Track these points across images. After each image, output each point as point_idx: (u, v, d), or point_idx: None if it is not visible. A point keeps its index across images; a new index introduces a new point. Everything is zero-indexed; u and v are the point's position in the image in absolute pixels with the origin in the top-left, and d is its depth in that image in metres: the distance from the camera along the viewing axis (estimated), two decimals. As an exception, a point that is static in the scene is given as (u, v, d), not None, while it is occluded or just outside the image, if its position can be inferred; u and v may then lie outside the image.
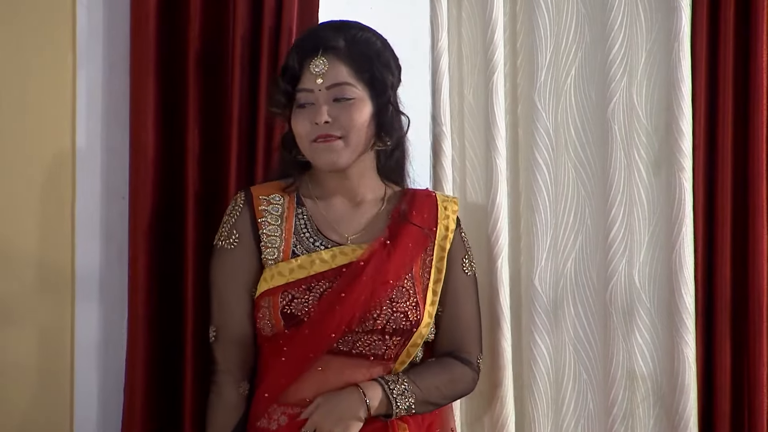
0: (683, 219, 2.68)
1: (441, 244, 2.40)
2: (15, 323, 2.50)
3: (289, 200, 2.40)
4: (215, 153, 2.60)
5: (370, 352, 2.32)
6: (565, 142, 2.76)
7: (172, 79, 2.57)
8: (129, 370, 2.54)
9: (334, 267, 2.32)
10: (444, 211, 2.42)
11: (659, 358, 2.73)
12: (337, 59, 2.31)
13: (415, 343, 2.34)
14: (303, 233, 2.37)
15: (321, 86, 2.31)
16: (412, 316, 2.32)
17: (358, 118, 2.31)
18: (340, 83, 2.31)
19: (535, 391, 2.74)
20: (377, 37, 2.38)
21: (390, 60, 2.37)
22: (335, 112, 2.31)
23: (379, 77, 2.32)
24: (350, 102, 2.31)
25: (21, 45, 2.51)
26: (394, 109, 2.36)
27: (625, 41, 2.71)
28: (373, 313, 2.30)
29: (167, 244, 2.57)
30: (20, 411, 2.51)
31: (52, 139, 2.53)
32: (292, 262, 2.33)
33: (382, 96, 2.33)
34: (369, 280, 2.30)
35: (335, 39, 2.32)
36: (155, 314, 2.55)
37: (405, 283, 2.34)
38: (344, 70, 2.31)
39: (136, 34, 2.55)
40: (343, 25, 2.36)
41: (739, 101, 2.73)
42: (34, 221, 2.52)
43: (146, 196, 2.54)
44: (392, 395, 2.28)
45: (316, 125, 2.31)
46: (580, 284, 2.76)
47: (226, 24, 2.59)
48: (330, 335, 2.28)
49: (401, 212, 2.39)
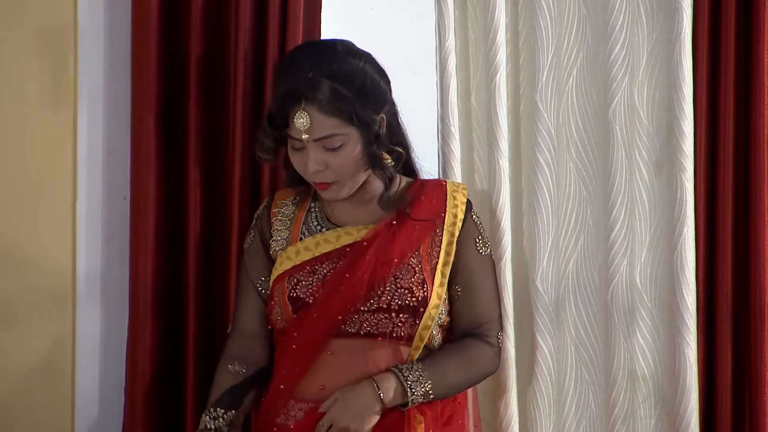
0: (684, 219, 2.67)
1: (450, 230, 2.41)
2: (17, 324, 2.51)
3: (305, 198, 2.45)
4: (217, 153, 2.60)
5: (378, 331, 2.32)
6: (567, 142, 2.76)
7: (173, 80, 2.58)
8: (130, 370, 2.54)
9: (338, 247, 2.35)
10: (453, 200, 2.43)
11: (661, 358, 2.73)
12: (319, 111, 2.28)
13: (426, 326, 2.34)
14: (311, 222, 2.42)
15: (308, 139, 2.29)
16: (418, 292, 2.33)
17: (348, 161, 2.31)
18: (326, 137, 2.29)
19: (537, 392, 2.74)
20: (360, 66, 2.32)
21: (375, 88, 2.32)
22: (325, 157, 2.31)
23: (362, 116, 2.29)
24: (338, 149, 2.30)
25: (23, 46, 2.51)
26: (382, 143, 2.33)
27: (626, 42, 2.70)
28: (377, 290, 2.32)
29: (168, 245, 2.57)
30: (22, 412, 2.51)
31: (53, 140, 2.53)
32: (298, 245, 2.38)
33: (369, 132, 2.31)
34: (372, 259, 2.32)
35: (315, 88, 2.26)
36: (157, 315, 2.56)
37: (410, 260, 2.35)
38: (329, 122, 2.29)
39: (137, 35, 2.55)
40: (323, 59, 2.30)
41: (741, 102, 2.72)
42: (35, 222, 2.52)
43: (147, 197, 2.55)
44: (407, 382, 2.29)
45: (308, 171, 2.32)
46: (582, 285, 2.76)
47: (228, 24, 2.59)
48: (337, 317, 2.31)
49: (405, 205, 2.39)
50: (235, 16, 2.57)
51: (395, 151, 2.37)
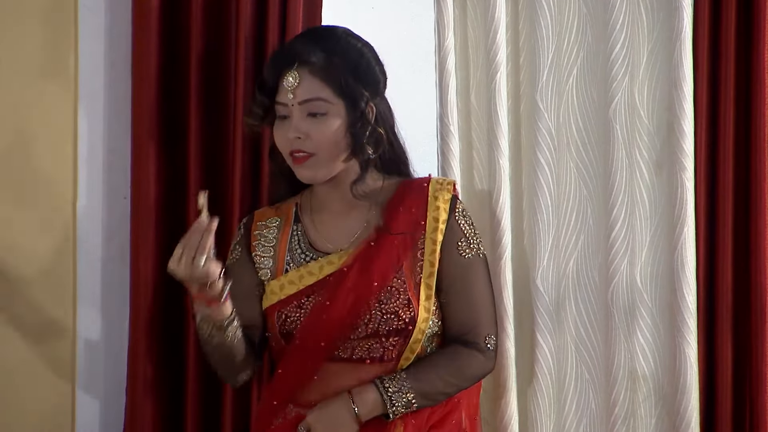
0: (685, 219, 2.67)
1: (432, 237, 2.36)
2: (17, 323, 2.51)
3: (286, 220, 2.42)
4: (217, 153, 2.61)
5: (368, 356, 2.32)
6: (567, 141, 2.75)
7: (173, 80, 2.58)
8: (131, 370, 2.55)
9: (320, 278, 2.34)
10: (434, 202, 2.38)
11: (661, 357, 2.73)
12: (310, 74, 2.29)
13: (416, 340, 2.33)
14: (296, 250, 2.39)
15: (293, 101, 2.30)
16: (405, 315, 2.31)
17: (329, 134, 2.30)
18: (311, 99, 2.29)
19: (537, 391, 2.73)
20: (358, 47, 2.34)
21: (369, 69, 2.34)
22: (307, 126, 2.30)
23: (351, 91, 2.30)
24: (322, 118, 2.30)
25: (24, 46, 2.51)
26: (368, 123, 2.32)
27: (626, 41, 2.70)
28: (363, 318, 2.30)
29: (169, 245, 2.56)
30: (22, 412, 2.51)
31: (54, 140, 2.54)
32: (282, 279, 2.36)
33: (355, 109, 2.31)
34: (352, 286, 2.30)
35: (310, 52, 2.29)
36: (157, 314, 2.56)
37: (394, 282, 2.32)
38: (317, 85, 2.29)
39: (138, 35, 2.56)
40: (323, 35, 2.34)
41: (741, 101, 2.72)
42: (36, 221, 2.52)
43: (148, 197, 2.55)
44: (386, 394, 2.28)
45: (288, 139, 2.31)
46: (582, 284, 2.76)
47: (229, 24, 2.59)
48: (320, 344, 2.30)
49: (383, 223, 2.36)
50: (236, 17, 2.58)
51: (378, 141, 2.34)
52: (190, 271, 2.16)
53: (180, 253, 2.17)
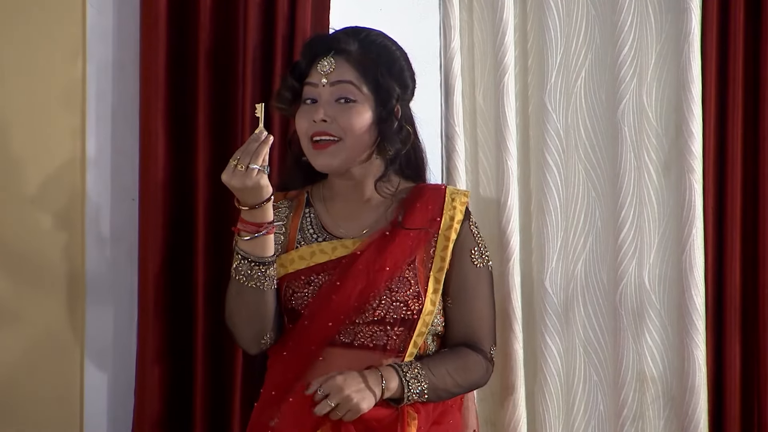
0: (693, 220, 2.68)
1: (445, 234, 2.37)
2: (26, 324, 2.50)
3: (298, 204, 2.43)
4: (225, 155, 2.59)
5: (372, 343, 2.32)
6: (576, 143, 2.76)
7: (182, 82, 2.57)
8: (139, 371, 2.54)
9: (333, 258, 2.34)
10: (451, 202, 2.39)
11: (669, 359, 2.73)
12: (345, 61, 2.32)
13: (420, 332, 2.33)
14: (308, 230, 2.40)
15: (325, 81, 2.31)
16: (414, 306, 2.31)
17: (357, 121, 2.31)
18: (343, 81, 2.31)
19: (546, 393, 2.74)
20: (394, 48, 2.38)
21: (402, 71, 2.37)
22: (335, 111, 2.31)
23: (384, 85, 2.32)
24: (351, 104, 2.31)
25: (31, 47, 2.51)
26: (396, 120, 2.34)
27: (635, 42, 2.71)
28: (372, 303, 2.30)
29: (177, 246, 2.57)
30: (31, 413, 2.51)
31: (62, 141, 2.53)
32: (292, 253, 2.36)
33: (386, 105, 2.32)
34: (364, 268, 2.30)
35: (348, 42, 2.33)
36: (165, 315, 2.55)
37: (405, 272, 2.33)
38: (351, 72, 2.32)
39: (146, 37, 2.55)
40: (361, 31, 2.37)
41: (749, 102, 2.73)
42: (44, 223, 2.52)
43: (156, 198, 2.54)
44: (405, 378, 2.27)
45: (314, 123, 2.31)
46: (591, 286, 2.76)
47: (237, 26, 2.58)
48: (327, 324, 2.29)
49: (399, 218, 2.36)
50: (244, 18, 2.57)
51: (405, 139, 2.35)
52: (244, 179, 2.17)
53: (234, 164, 2.18)
